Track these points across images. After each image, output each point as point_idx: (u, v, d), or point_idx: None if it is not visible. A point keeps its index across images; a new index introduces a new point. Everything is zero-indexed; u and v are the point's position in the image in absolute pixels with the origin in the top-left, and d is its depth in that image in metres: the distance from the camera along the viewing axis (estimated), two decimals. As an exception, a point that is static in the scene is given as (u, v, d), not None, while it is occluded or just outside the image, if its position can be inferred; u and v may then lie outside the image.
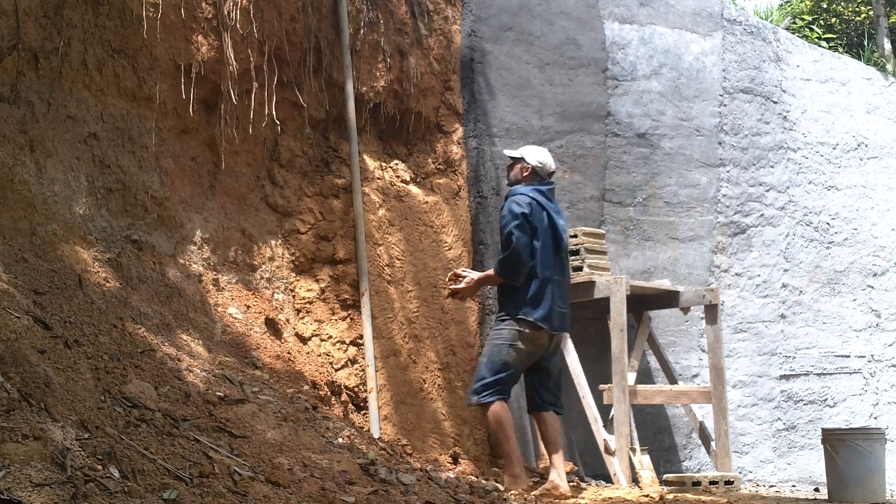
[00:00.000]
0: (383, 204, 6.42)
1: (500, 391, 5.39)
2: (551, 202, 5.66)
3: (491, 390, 5.37)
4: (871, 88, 9.60)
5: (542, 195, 5.58)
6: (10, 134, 4.27)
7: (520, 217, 5.37)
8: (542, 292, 5.42)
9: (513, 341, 5.39)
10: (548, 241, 5.49)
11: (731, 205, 8.20)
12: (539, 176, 5.67)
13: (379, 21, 6.48)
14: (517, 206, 5.42)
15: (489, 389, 5.37)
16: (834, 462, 5.62)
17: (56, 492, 2.37)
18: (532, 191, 5.55)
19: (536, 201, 5.50)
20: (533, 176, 5.66)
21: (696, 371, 7.75)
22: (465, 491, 4.22)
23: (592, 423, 6.52)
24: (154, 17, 4.90)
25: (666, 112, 8.00)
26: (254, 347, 5.20)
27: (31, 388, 2.91)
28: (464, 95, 7.08)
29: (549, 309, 5.42)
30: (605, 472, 6.54)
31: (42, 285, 3.92)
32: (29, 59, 4.39)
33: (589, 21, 7.73)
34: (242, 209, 5.78)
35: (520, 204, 5.44)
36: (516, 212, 5.40)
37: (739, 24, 8.62)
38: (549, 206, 5.61)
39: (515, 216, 5.38)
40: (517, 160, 5.76)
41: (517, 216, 5.38)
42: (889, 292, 9.10)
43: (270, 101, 5.63)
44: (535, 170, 5.65)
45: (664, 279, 7.48)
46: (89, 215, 4.64)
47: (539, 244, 5.43)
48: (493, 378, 5.39)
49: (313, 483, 3.36)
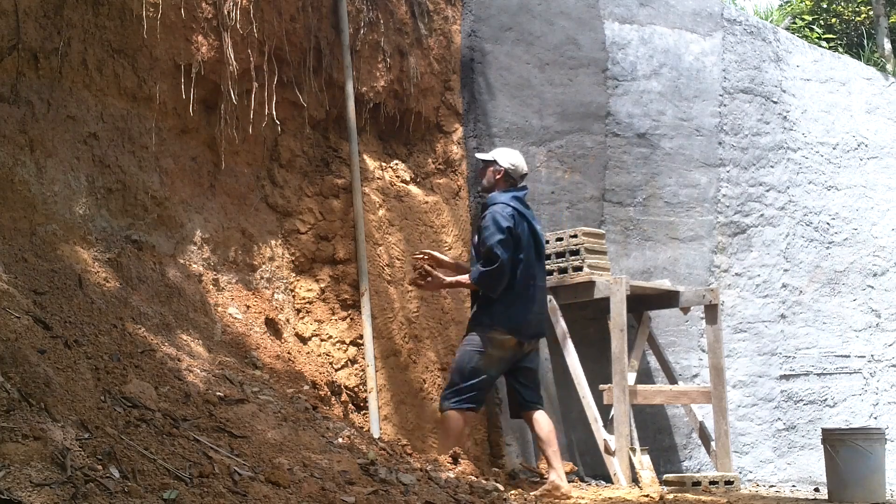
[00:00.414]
0: (383, 204, 6.42)
1: (471, 399, 5.39)
2: (528, 208, 5.64)
3: (461, 397, 5.37)
4: (871, 88, 9.60)
5: (519, 202, 5.55)
6: (10, 134, 4.27)
7: (504, 231, 5.32)
8: (521, 301, 5.41)
9: (482, 348, 5.39)
10: (530, 251, 5.48)
11: (731, 205, 8.20)
12: (512, 178, 5.62)
13: (379, 21, 6.48)
14: (502, 219, 5.36)
15: (460, 396, 5.37)
16: (834, 462, 5.62)
17: (56, 492, 2.37)
18: (511, 199, 5.51)
19: (518, 211, 5.47)
20: (506, 179, 5.61)
21: (696, 371, 7.75)
22: (465, 491, 4.22)
23: (592, 423, 6.52)
24: (154, 17, 4.90)
25: (666, 112, 8.00)
26: (254, 347, 5.20)
27: (31, 388, 2.91)
28: (464, 95, 7.08)
29: (526, 318, 5.42)
30: (605, 472, 6.54)
31: (42, 285, 3.92)
32: (29, 59, 4.39)
33: (589, 21, 7.73)
34: (242, 209, 5.78)
35: (503, 216, 5.37)
36: (501, 225, 5.34)
37: (739, 24, 8.62)
38: (527, 213, 5.59)
39: (500, 229, 5.32)
40: (489, 163, 5.70)
41: (502, 230, 5.32)
42: (889, 292, 9.10)
43: (270, 101, 5.63)
44: (507, 172, 5.61)
45: (664, 279, 7.48)
46: (89, 215, 4.64)
47: (523, 256, 5.41)
48: (465, 384, 5.38)
49: (313, 483, 3.36)
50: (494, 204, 5.50)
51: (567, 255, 6.77)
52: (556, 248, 6.83)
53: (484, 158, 5.78)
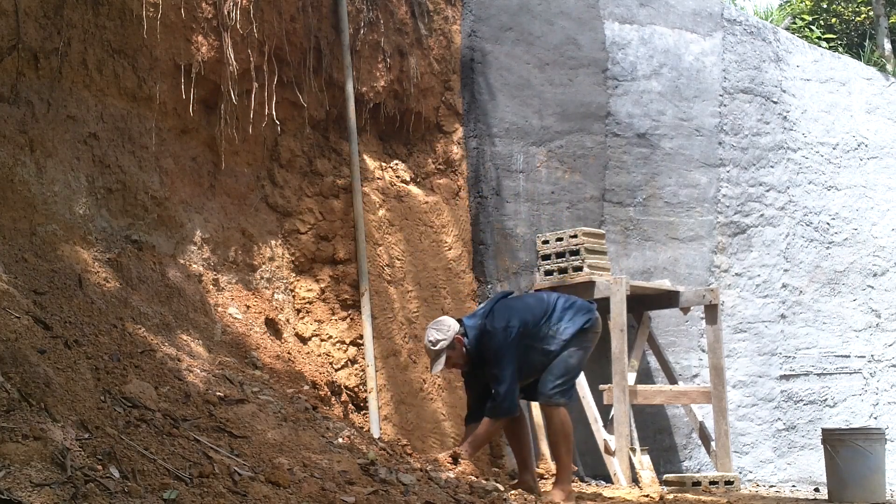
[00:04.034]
0: (383, 204, 6.42)
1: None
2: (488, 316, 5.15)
3: (571, 392, 5.18)
4: (871, 88, 9.60)
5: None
6: (10, 134, 4.26)
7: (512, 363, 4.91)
8: None
9: (589, 344, 5.15)
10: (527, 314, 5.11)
11: (731, 205, 8.20)
12: (460, 331, 5.01)
13: (379, 21, 6.48)
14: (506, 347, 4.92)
15: (572, 391, 5.17)
16: (834, 462, 5.62)
17: (56, 492, 2.37)
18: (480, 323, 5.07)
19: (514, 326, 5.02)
20: (463, 338, 4.99)
21: (696, 371, 7.75)
22: (465, 491, 4.21)
23: (592, 423, 6.52)
24: (154, 17, 4.90)
25: (666, 112, 8.00)
26: (254, 347, 5.20)
27: (31, 388, 2.91)
28: (464, 95, 7.08)
29: None
30: (605, 472, 6.54)
31: (42, 285, 3.92)
32: (29, 59, 4.38)
33: (589, 21, 7.74)
34: (242, 209, 5.78)
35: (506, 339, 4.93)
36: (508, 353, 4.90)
37: (739, 24, 8.62)
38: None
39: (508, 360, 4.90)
40: (449, 355, 5.02)
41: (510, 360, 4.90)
42: (889, 292, 9.10)
43: (270, 101, 5.63)
44: (460, 336, 5.00)
45: (664, 279, 7.48)
46: (89, 215, 4.64)
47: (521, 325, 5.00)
48: (574, 381, 5.17)
49: (313, 483, 3.36)
50: (489, 333, 4.99)
51: (567, 255, 6.77)
52: (556, 248, 6.83)
53: (442, 363, 5.02)
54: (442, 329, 5.00)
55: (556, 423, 5.05)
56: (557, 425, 5.04)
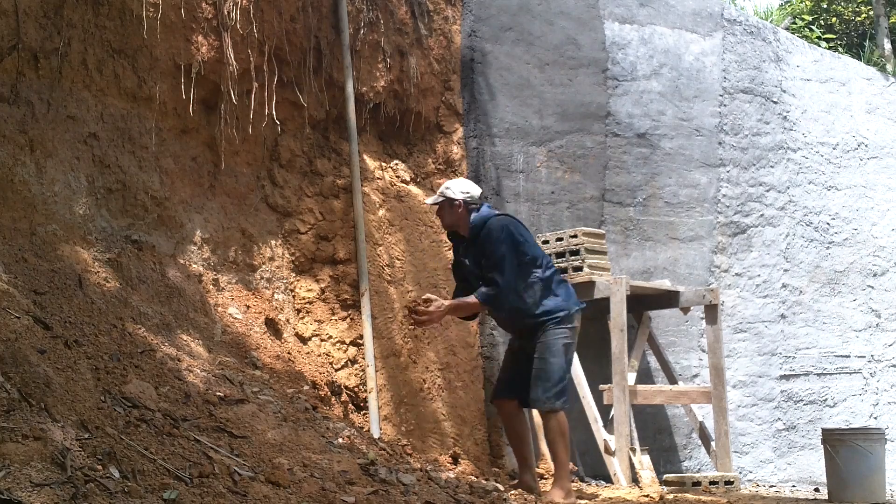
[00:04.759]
0: (383, 204, 6.42)
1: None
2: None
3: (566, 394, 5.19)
4: (871, 88, 9.61)
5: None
6: (10, 134, 4.26)
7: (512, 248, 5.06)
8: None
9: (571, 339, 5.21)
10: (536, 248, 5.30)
11: (731, 205, 8.20)
12: (473, 203, 5.22)
13: (379, 21, 6.48)
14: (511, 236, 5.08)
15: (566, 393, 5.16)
16: (834, 462, 5.62)
17: (56, 492, 2.37)
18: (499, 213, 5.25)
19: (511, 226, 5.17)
20: (468, 207, 5.20)
21: (696, 371, 7.75)
22: (465, 491, 4.22)
23: (592, 423, 6.52)
24: (154, 17, 4.90)
25: (666, 112, 8.00)
26: (254, 347, 5.20)
27: (31, 388, 2.91)
28: (464, 95, 7.08)
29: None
30: (605, 472, 6.54)
31: (42, 285, 3.92)
32: (29, 59, 4.38)
33: (589, 21, 7.74)
34: (242, 209, 5.78)
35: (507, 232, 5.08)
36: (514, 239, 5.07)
37: (739, 24, 8.62)
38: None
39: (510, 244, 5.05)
40: (442, 203, 5.24)
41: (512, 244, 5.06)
42: (889, 292, 9.11)
43: (270, 101, 5.63)
44: (465, 201, 5.18)
45: (664, 279, 7.48)
46: (89, 215, 4.64)
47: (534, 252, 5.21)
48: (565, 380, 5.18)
49: (313, 483, 3.36)
50: (488, 221, 5.14)
51: (567, 255, 6.76)
52: (556, 248, 6.83)
53: (435, 202, 5.29)
54: (463, 189, 5.21)
55: (552, 424, 5.09)
56: (554, 426, 5.07)
